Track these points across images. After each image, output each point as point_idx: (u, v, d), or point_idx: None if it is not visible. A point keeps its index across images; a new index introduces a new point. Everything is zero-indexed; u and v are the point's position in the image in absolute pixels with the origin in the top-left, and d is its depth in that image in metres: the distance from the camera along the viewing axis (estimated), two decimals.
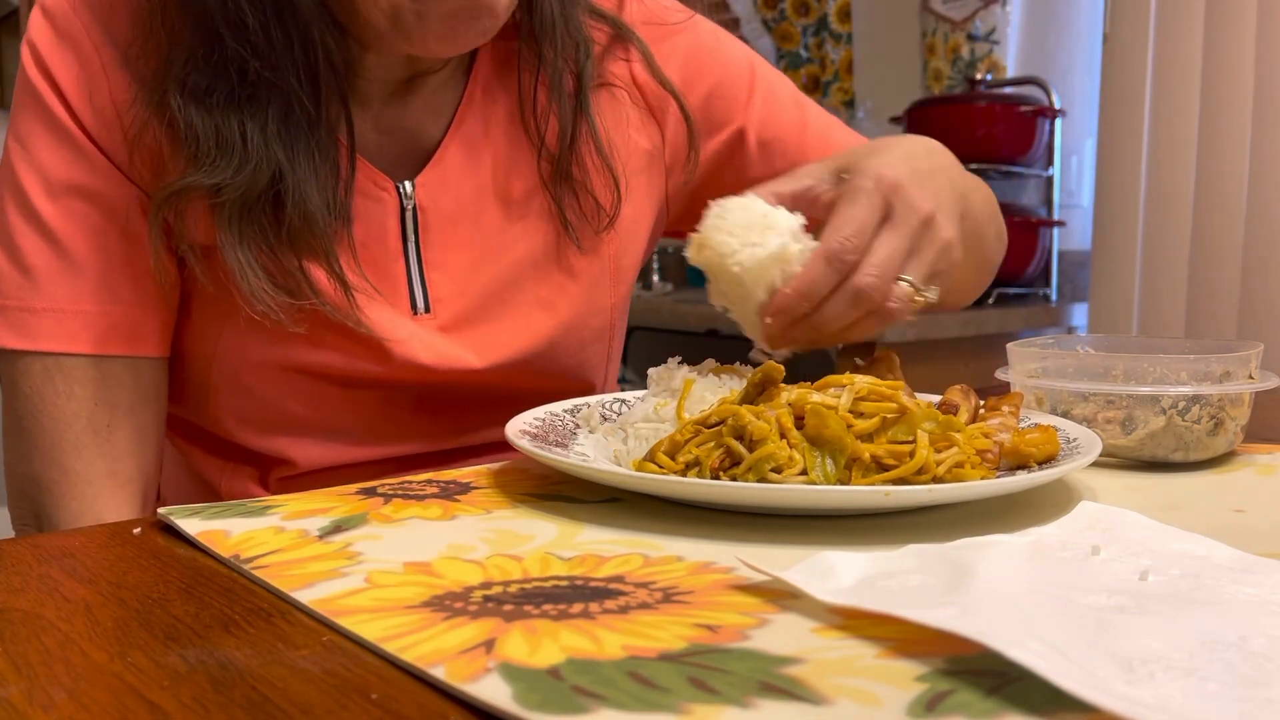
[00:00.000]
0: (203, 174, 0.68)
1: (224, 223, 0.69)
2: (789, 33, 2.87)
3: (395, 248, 0.77)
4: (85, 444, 0.72)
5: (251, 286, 0.69)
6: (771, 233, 0.64)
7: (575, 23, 0.80)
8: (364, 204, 0.76)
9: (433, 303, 0.79)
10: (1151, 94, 2.06)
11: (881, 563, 0.43)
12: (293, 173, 0.69)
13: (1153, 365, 0.68)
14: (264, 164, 0.68)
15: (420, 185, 0.78)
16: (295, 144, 0.69)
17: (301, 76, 0.69)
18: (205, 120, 0.68)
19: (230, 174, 0.68)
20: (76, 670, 0.36)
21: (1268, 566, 0.43)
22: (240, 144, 0.68)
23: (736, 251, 0.64)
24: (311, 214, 0.70)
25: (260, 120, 0.68)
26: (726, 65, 0.90)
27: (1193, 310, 2.03)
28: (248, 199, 0.68)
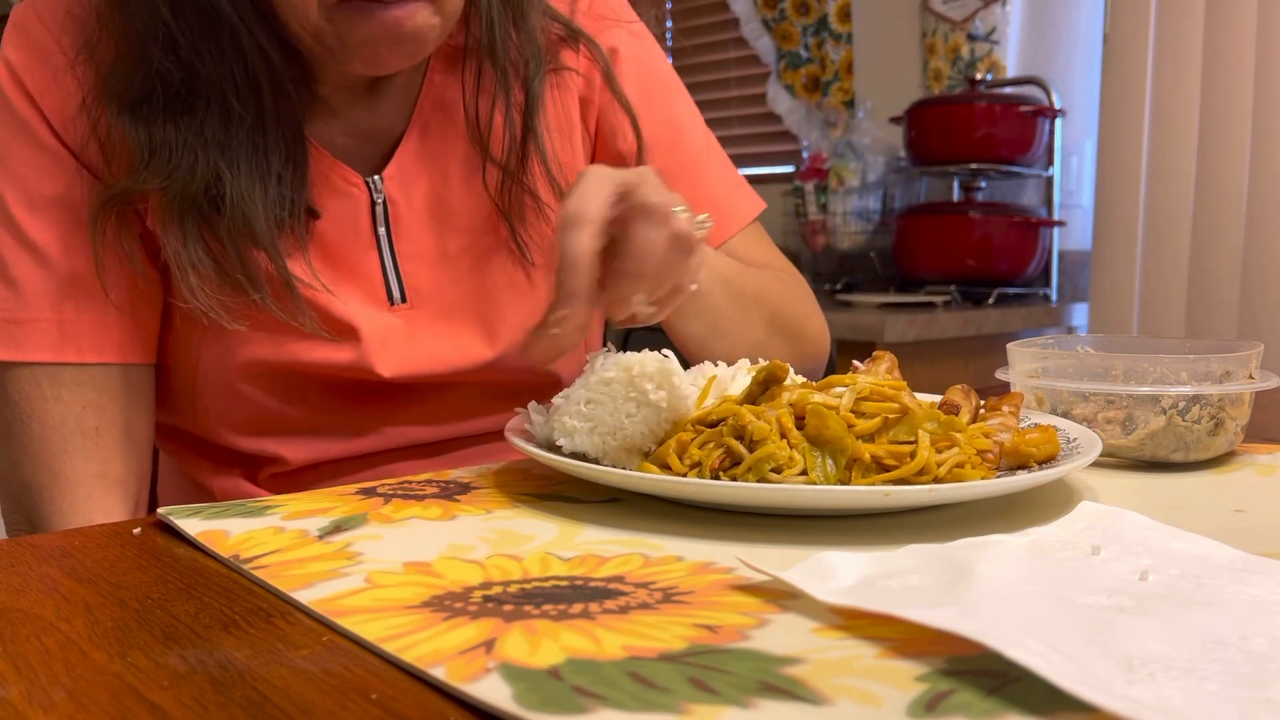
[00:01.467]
0: (139, 179, 0.69)
1: (165, 222, 0.70)
2: (789, 33, 2.87)
3: (367, 241, 0.78)
4: (73, 447, 0.73)
5: (189, 284, 0.70)
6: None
7: (527, 33, 0.79)
8: (335, 201, 0.77)
9: (409, 292, 0.79)
10: (1151, 94, 2.06)
11: (882, 563, 0.43)
12: (232, 177, 0.70)
13: (1153, 365, 0.68)
14: (199, 169, 0.69)
15: (388, 178, 0.79)
16: (237, 150, 0.70)
17: (239, 86, 0.70)
18: (139, 129, 0.69)
19: (164, 179, 0.69)
20: (76, 670, 0.36)
21: (1268, 566, 0.43)
22: (173, 151, 0.69)
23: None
24: (250, 216, 0.71)
25: (195, 127, 0.70)
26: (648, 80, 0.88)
27: (1193, 310, 2.03)
28: (184, 202, 0.70)
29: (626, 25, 0.88)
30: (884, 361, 0.65)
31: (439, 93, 0.81)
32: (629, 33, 0.88)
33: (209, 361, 0.76)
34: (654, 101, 0.88)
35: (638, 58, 0.88)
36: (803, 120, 2.86)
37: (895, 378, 0.61)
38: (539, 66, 0.80)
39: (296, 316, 0.74)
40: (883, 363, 0.65)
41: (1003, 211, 2.27)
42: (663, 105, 0.89)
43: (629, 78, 0.86)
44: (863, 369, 0.65)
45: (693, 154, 0.89)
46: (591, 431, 0.59)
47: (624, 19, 0.89)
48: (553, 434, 0.61)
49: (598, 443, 0.59)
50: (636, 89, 0.86)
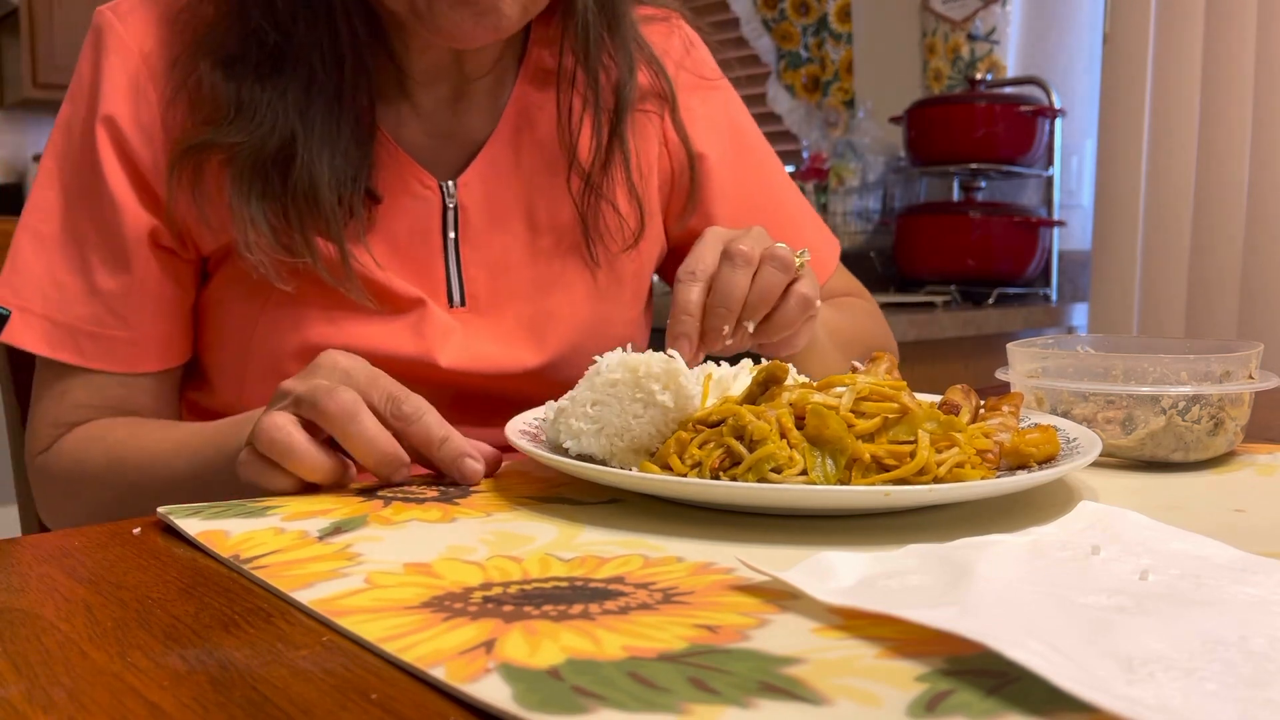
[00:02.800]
0: (220, 133, 0.73)
1: (235, 176, 0.74)
2: (789, 33, 2.87)
3: (436, 244, 0.81)
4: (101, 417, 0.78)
5: (247, 239, 0.74)
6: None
7: (621, 41, 0.83)
8: (408, 200, 0.80)
9: (469, 298, 0.82)
10: (1151, 94, 2.06)
11: (882, 563, 0.43)
12: (305, 140, 0.74)
13: (1153, 365, 0.68)
14: (278, 127, 0.73)
15: (462, 185, 0.81)
16: (313, 115, 0.74)
17: (324, 53, 0.74)
18: (228, 85, 0.74)
19: (245, 134, 0.73)
20: (76, 670, 0.36)
21: (1268, 566, 0.43)
22: (257, 108, 0.73)
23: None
24: (317, 181, 0.74)
25: (280, 89, 0.74)
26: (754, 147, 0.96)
27: (1193, 310, 2.03)
28: (259, 158, 0.73)
29: (724, 87, 0.97)
30: (883, 362, 0.65)
31: (525, 104, 0.84)
32: (725, 95, 0.96)
33: (261, 341, 0.78)
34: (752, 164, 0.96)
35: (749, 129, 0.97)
36: (803, 120, 2.86)
37: (895, 378, 0.61)
38: (631, 75, 0.84)
39: (344, 283, 0.76)
40: (882, 363, 0.65)
41: (1003, 211, 2.27)
42: (761, 168, 0.97)
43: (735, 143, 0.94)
44: (862, 369, 0.65)
45: (790, 211, 0.98)
46: (598, 433, 0.59)
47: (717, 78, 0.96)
48: (559, 436, 0.61)
49: (604, 444, 0.59)
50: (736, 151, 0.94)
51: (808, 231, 0.98)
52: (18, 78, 3.58)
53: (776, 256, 0.70)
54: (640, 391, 0.59)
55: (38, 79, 3.48)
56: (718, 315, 0.69)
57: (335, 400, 0.57)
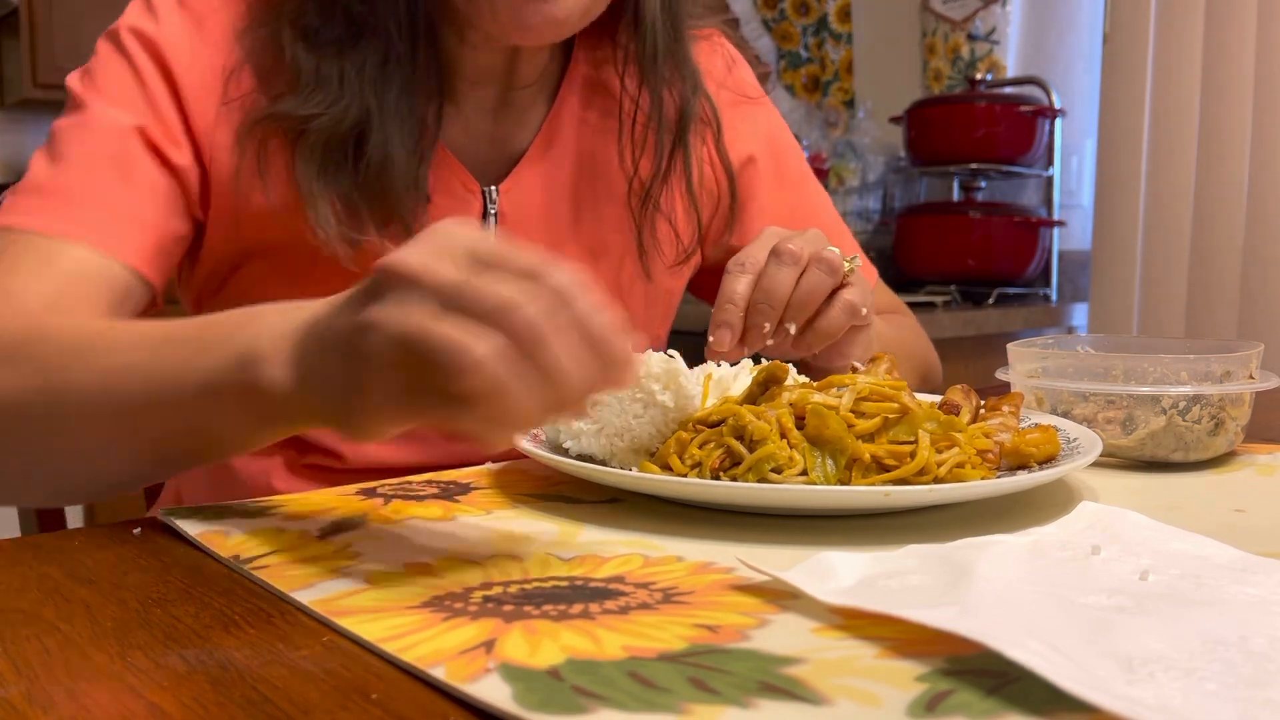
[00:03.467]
0: (297, 104, 0.72)
1: (306, 153, 0.73)
2: (789, 33, 2.87)
3: None
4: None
5: (319, 214, 0.72)
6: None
7: (685, 56, 0.83)
8: (450, 202, 0.79)
9: None
10: (1151, 94, 2.06)
11: (882, 563, 0.43)
12: (380, 116, 0.73)
13: (1153, 365, 0.68)
14: (354, 105, 0.72)
15: (504, 191, 0.81)
16: (386, 92, 0.73)
17: (401, 24, 0.73)
18: (309, 57, 0.72)
19: (321, 108, 0.72)
20: (76, 671, 0.36)
21: (1268, 566, 0.43)
22: (336, 83, 0.72)
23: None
24: (391, 157, 0.73)
25: (359, 63, 0.73)
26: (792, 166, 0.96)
27: (1193, 310, 2.03)
28: (334, 133, 0.72)
29: (766, 104, 0.96)
30: (883, 362, 0.65)
31: (567, 117, 0.83)
32: (768, 118, 0.96)
33: None
34: (791, 182, 0.96)
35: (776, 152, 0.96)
36: (803, 120, 2.86)
37: (895, 378, 0.61)
38: (695, 90, 0.84)
39: None
40: (882, 363, 0.65)
41: (1003, 211, 2.27)
42: (801, 186, 0.97)
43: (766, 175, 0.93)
44: (862, 369, 0.65)
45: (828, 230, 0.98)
46: (598, 433, 0.59)
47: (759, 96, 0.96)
48: (559, 436, 0.61)
49: (605, 444, 0.59)
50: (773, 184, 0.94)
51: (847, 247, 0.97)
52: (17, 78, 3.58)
53: (825, 259, 0.70)
54: (640, 391, 0.59)
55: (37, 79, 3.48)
56: (760, 311, 0.69)
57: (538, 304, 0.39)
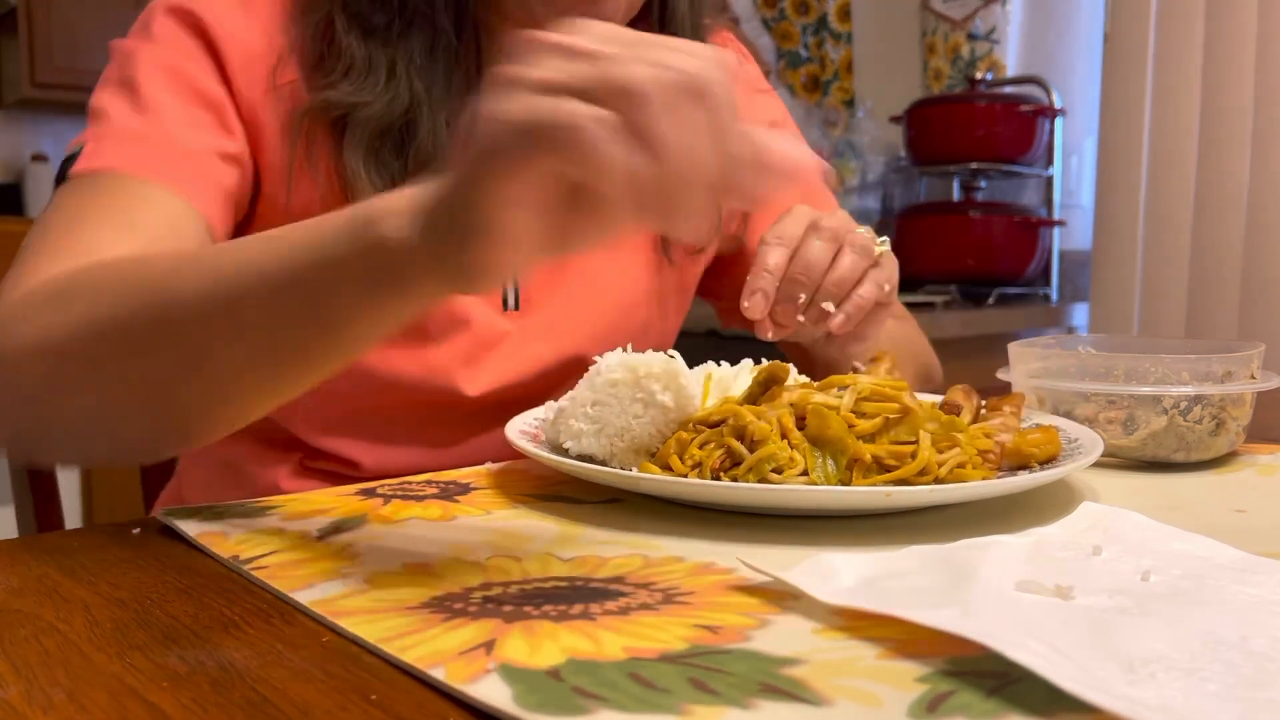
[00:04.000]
0: (348, 92, 0.72)
1: (353, 142, 0.72)
2: (789, 32, 2.87)
3: None
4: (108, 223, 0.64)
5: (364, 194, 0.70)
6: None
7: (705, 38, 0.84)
8: None
9: (522, 302, 0.81)
10: (1151, 94, 2.06)
11: (883, 563, 0.43)
12: (428, 104, 0.73)
13: (1154, 365, 0.68)
14: (405, 93, 0.72)
15: None
16: (434, 79, 0.73)
17: (451, 17, 0.74)
18: (360, 45, 0.72)
19: (373, 96, 0.72)
20: (76, 671, 0.36)
21: (1269, 567, 0.43)
22: (388, 71, 0.72)
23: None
24: (440, 144, 0.73)
25: (408, 52, 0.73)
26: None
27: (1193, 310, 2.03)
28: (384, 121, 0.72)
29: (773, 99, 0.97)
30: (885, 362, 0.65)
31: None
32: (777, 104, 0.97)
33: None
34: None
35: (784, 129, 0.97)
36: (803, 120, 2.85)
37: (896, 378, 0.61)
38: None
39: None
40: (884, 363, 0.65)
41: (1003, 211, 2.27)
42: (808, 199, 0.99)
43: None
44: (863, 369, 0.65)
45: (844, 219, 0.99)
46: (599, 434, 0.59)
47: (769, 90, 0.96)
48: (559, 436, 0.61)
49: (605, 445, 0.59)
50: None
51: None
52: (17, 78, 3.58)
53: (858, 242, 0.71)
54: (640, 392, 0.59)
55: (36, 79, 3.48)
56: (796, 283, 0.70)
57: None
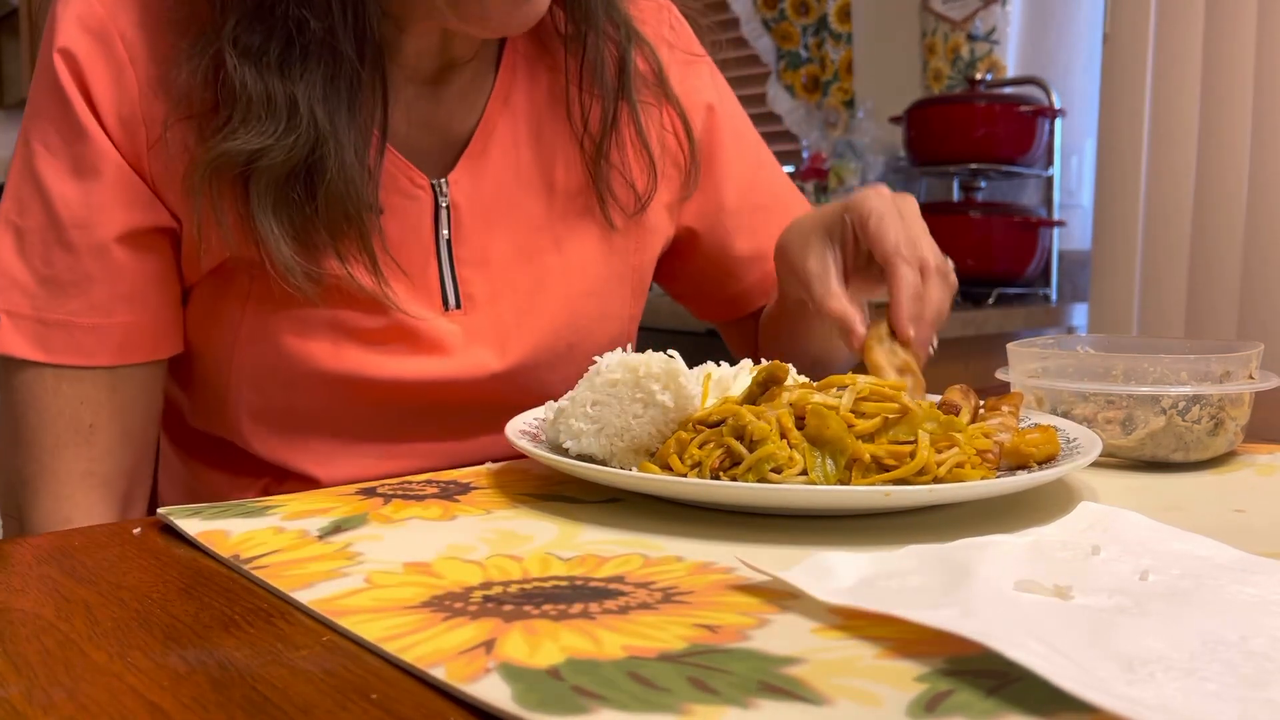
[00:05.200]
0: (248, 138, 0.68)
1: (260, 191, 0.69)
2: (789, 32, 2.87)
3: (428, 245, 0.78)
4: (64, 443, 0.72)
5: (283, 257, 0.69)
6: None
7: (619, 7, 0.83)
8: (399, 201, 0.76)
9: (463, 299, 0.79)
10: (1151, 94, 2.06)
11: (882, 563, 0.43)
12: (334, 140, 0.69)
13: (1153, 365, 0.68)
14: (309, 130, 0.68)
15: (453, 182, 0.78)
16: (337, 110, 0.70)
17: (352, 41, 0.69)
18: (256, 81, 0.68)
19: (274, 138, 0.68)
20: (76, 670, 0.36)
21: (1268, 566, 0.43)
22: (289, 108, 0.68)
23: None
24: (351, 182, 0.70)
25: (309, 83, 0.68)
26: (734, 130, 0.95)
27: (1193, 310, 2.03)
28: (288, 165, 0.68)
29: (710, 67, 0.95)
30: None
31: (508, 91, 0.81)
32: (714, 80, 0.95)
33: (246, 344, 0.75)
34: (748, 150, 0.95)
35: (730, 108, 0.96)
36: (802, 120, 2.86)
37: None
38: (629, 40, 0.83)
39: (382, 289, 0.73)
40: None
41: (1003, 211, 2.27)
42: (755, 151, 0.97)
43: (726, 127, 0.93)
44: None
45: (783, 194, 0.98)
46: (598, 433, 0.59)
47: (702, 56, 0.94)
48: (559, 436, 0.61)
49: (604, 444, 0.59)
50: (733, 138, 0.94)
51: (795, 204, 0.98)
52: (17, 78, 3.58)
53: (949, 275, 0.72)
54: (640, 391, 0.59)
55: None
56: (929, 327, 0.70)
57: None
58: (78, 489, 0.72)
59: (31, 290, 0.71)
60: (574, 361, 0.82)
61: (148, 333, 0.74)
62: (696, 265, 0.95)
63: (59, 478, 0.72)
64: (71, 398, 0.72)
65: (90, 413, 0.72)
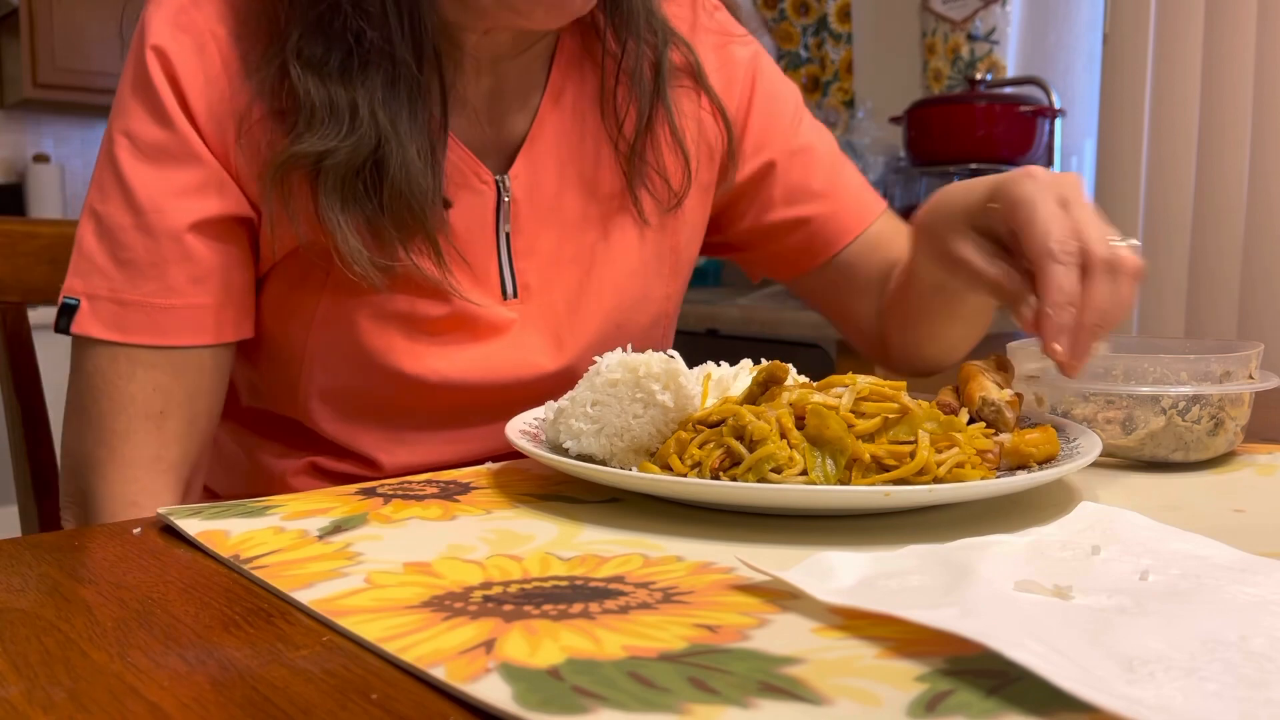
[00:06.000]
0: (314, 141, 0.71)
1: (327, 188, 0.72)
2: (789, 33, 2.87)
3: (491, 239, 0.81)
4: (136, 428, 0.73)
5: (350, 248, 0.72)
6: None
7: (656, 13, 0.85)
8: (467, 196, 0.79)
9: (520, 289, 0.82)
10: (1151, 94, 2.06)
11: (882, 563, 0.43)
12: (396, 140, 0.72)
13: (1153, 365, 0.68)
14: (370, 132, 0.71)
15: (513, 176, 0.81)
16: (397, 113, 0.73)
17: (410, 47, 0.72)
18: (319, 89, 0.71)
19: (338, 140, 0.71)
20: (76, 670, 0.36)
21: (1268, 566, 0.43)
22: (350, 112, 0.71)
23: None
24: (412, 177, 0.73)
25: (370, 89, 0.72)
26: (779, 96, 0.95)
27: (1193, 310, 2.03)
28: (352, 164, 0.71)
29: (748, 41, 0.95)
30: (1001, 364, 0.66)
31: (561, 88, 0.84)
32: (755, 52, 0.95)
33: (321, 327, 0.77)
34: (789, 118, 0.95)
35: (772, 77, 0.96)
36: None
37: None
38: (666, 41, 0.85)
39: (445, 278, 0.76)
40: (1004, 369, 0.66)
41: None
42: (798, 119, 0.96)
43: (767, 95, 0.94)
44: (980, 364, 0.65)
45: (832, 159, 0.97)
46: (598, 433, 0.59)
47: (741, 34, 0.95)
48: (559, 436, 0.61)
49: (605, 444, 0.59)
50: (771, 105, 0.94)
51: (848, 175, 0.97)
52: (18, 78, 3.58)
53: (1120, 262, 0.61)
54: (640, 391, 0.59)
55: (37, 79, 3.48)
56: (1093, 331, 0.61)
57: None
58: (146, 472, 0.74)
59: (110, 273, 0.73)
60: (620, 341, 0.86)
61: (221, 315, 0.76)
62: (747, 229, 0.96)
63: (129, 461, 0.73)
64: (145, 383, 0.73)
65: (162, 399, 0.74)
